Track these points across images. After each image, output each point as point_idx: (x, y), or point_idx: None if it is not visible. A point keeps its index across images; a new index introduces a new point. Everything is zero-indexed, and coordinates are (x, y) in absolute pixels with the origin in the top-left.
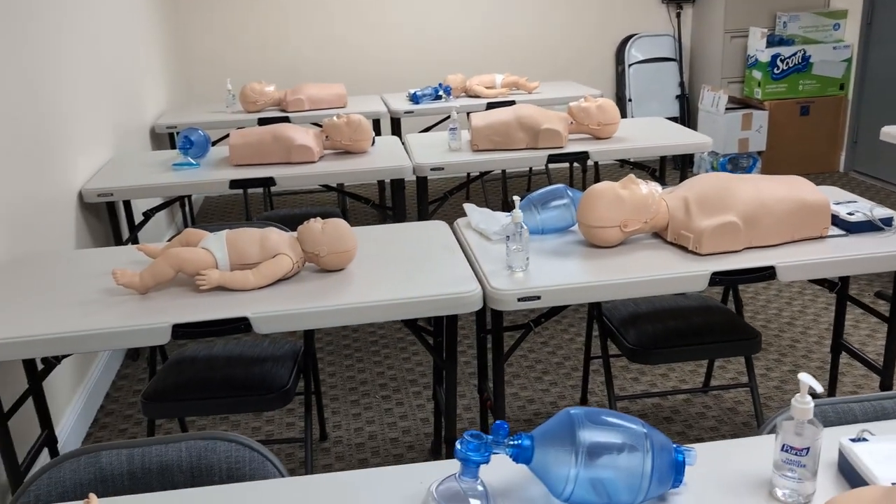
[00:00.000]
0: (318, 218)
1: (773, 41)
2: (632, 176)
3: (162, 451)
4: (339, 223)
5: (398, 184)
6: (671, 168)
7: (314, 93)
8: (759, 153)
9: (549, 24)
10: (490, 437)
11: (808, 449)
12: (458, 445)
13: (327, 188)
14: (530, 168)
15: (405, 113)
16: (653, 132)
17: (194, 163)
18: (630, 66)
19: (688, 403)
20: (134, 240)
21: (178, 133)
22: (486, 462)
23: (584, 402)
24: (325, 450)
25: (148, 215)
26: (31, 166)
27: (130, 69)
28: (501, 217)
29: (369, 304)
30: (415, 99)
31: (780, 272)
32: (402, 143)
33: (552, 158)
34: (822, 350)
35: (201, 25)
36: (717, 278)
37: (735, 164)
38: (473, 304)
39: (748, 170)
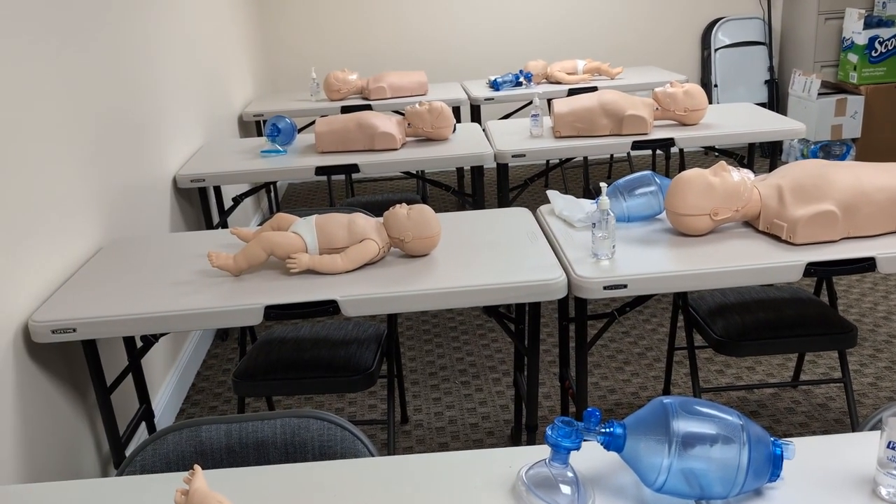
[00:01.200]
0: (404, 204)
1: (870, 22)
2: (723, 163)
3: (258, 428)
4: (425, 209)
5: (479, 171)
6: (758, 156)
7: (395, 80)
8: (854, 140)
9: (632, 9)
10: (581, 424)
11: None
12: (548, 431)
13: (408, 175)
14: (611, 155)
15: (485, 100)
16: (741, 118)
17: (281, 150)
18: (716, 50)
19: (775, 398)
20: (223, 224)
21: (264, 121)
22: (577, 448)
23: (666, 392)
24: (406, 432)
25: (237, 201)
26: (130, 154)
27: (218, 60)
28: (586, 204)
29: (454, 290)
30: (495, 86)
31: (881, 264)
32: (483, 130)
33: (636, 145)
34: None
35: (286, 16)
36: (812, 269)
37: (827, 151)
38: (558, 292)
39: (841, 158)
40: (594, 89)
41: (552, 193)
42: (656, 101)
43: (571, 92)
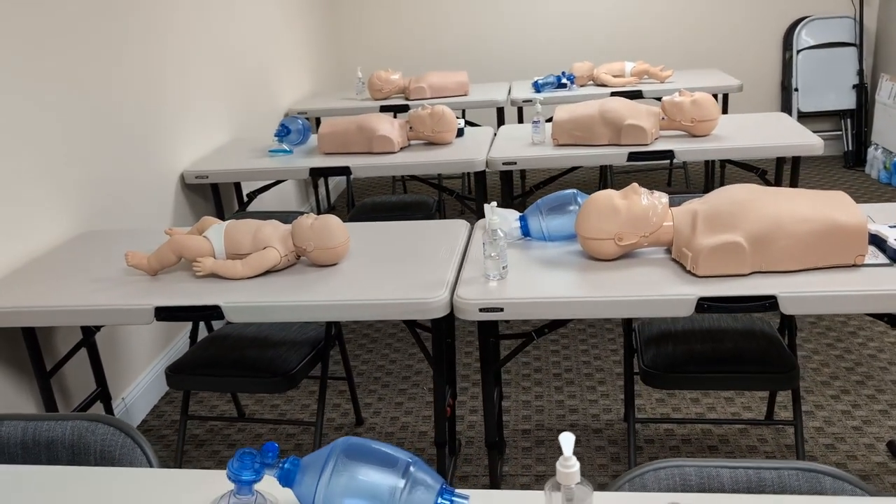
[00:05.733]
0: (311, 214)
1: None
2: (635, 185)
3: (51, 427)
4: (329, 219)
5: (480, 176)
6: (815, 167)
7: (436, 81)
8: None
9: (708, 8)
10: (259, 456)
11: None
12: (229, 463)
13: (419, 180)
14: (609, 166)
15: (524, 101)
16: (760, 130)
17: (288, 150)
18: (799, 52)
19: (742, 434)
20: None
21: (307, 118)
22: (257, 480)
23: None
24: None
25: (251, 196)
26: (127, 149)
27: (266, 58)
28: (512, 219)
29: (332, 303)
30: (537, 87)
31: (784, 303)
32: (494, 135)
33: (633, 156)
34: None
35: (354, 15)
36: (705, 304)
37: None
38: (435, 311)
39: None
40: (640, 94)
41: (489, 207)
42: (663, 110)
43: (615, 94)
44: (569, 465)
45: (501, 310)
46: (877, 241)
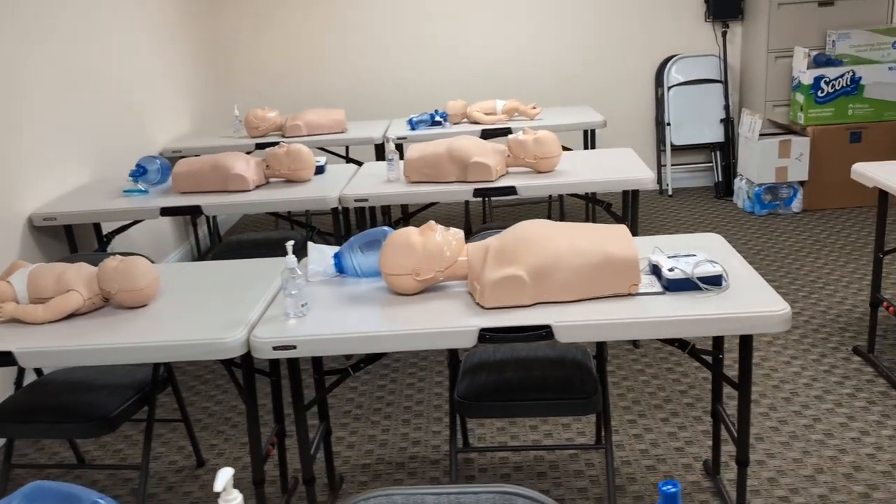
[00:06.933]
0: (118, 256)
1: (819, 61)
2: (431, 223)
3: None
4: (135, 262)
5: (335, 213)
6: (689, 198)
7: (312, 119)
8: (801, 183)
9: (582, 47)
10: None
11: None
12: None
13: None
14: (471, 201)
15: (397, 139)
16: (602, 166)
17: (143, 189)
18: (670, 88)
19: (572, 459)
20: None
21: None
22: None
23: (459, 448)
24: (195, 477)
25: (109, 238)
26: None
27: (135, 96)
28: (328, 258)
29: (125, 346)
30: (412, 125)
31: (558, 332)
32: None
33: (478, 192)
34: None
35: (239, 54)
36: (487, 335)
37: (774, 194)
38: (230, 351)
39: (788, 202)
40: (509, 131)
41: (311, 245)
42: (508, 148)
43: (485, 133)
44: (228, 500)
45: (294, 347)
46: (657, 271)
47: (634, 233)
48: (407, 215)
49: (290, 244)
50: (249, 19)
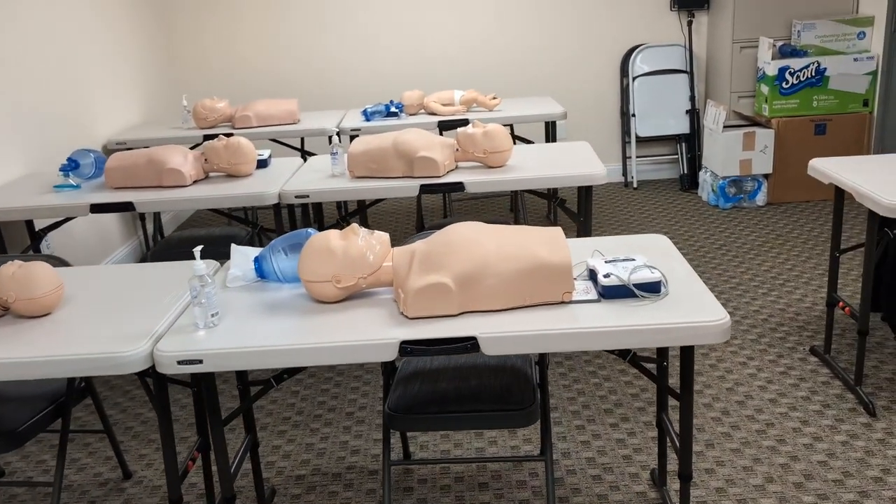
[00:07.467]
0: (17, 261)
1: (784, 52)
2: (354, 226)
3: None
4: (34, 267)
5: (276, 209)
6: (654, 190)
7: (262, 109)
8: (766, 176)
9: (545, 35)
10: None
11: None
12: None
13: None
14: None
15: (352, 131)
16: (555, 161)
17: (75, 185)
18: (635, 78)
19: (516, 469)
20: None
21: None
22: None
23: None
24: (120, 490)
25: (40, 235)
26: None
27: (74, 85)
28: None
29: (9, 362)
30: (366, 116)
31: (484, 344)
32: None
33: (425, 188)
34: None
35: (189, 42)
36: (408, 348)
37: (738, 187)
38: (129, 366)
39: (752, 195)
40: (466, 122)
41: (235, 248)
42: (457, 142)
43: (442, 124)
44: None
45: (201, 361)
46: (594, 277)
47: (588, 230)
48: (355, 211)
49: (197, 250)
50: (202, 3)
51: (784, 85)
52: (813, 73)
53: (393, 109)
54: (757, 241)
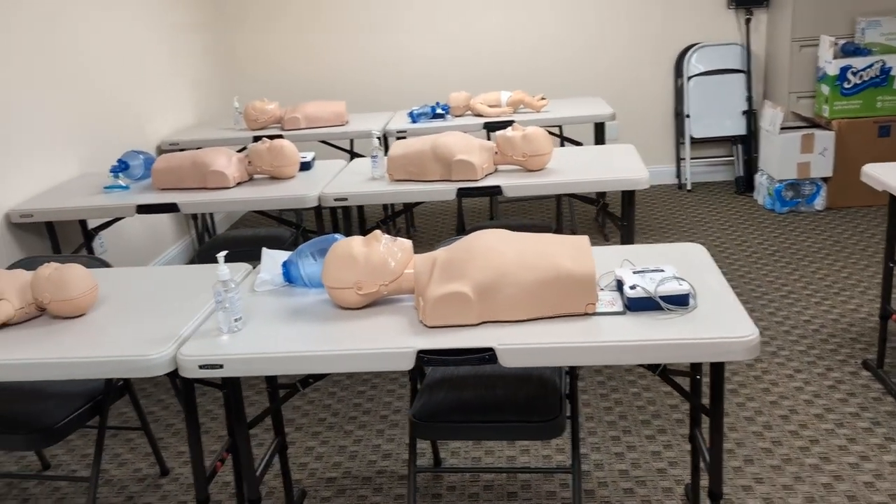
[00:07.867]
0: (54, 263)
1: (847, 51)
2: (377, 232)
3: None
4: (69, 269)
5: (318, 212)
6: (709, 193)
7: (311, 111)
8: (825, 179)
9: (597, 34)
10: None
11: None
12: None
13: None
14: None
15: (397, 133)
16: (597, 164)
17: (124, 185)
18: (690, 78)
19: (546, 479)
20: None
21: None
22: None
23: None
24: (157, 486)
25: (92, 234)
26: None
27: (129, 88)
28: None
29: (46, 362)
30: (413, 118)
31: (502, 356)
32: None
33: (462, 192)
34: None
35: (243, 46)
36: (424, 358)
37: (796, 191)
38: (153, 370)
39: (810, 199)
40: (510, 123)
41: (266, 251)
42: (496, 145)
43: (487, 126)
44: None
45: (221, 366)
46: (621, 288)
47: (631, 235)
48: (399, 212)
49: (221, 255)
50: (255, 9)
51: (846, 85)
52: (878, 73)
53: (439, 111)
54: (813, 248)
